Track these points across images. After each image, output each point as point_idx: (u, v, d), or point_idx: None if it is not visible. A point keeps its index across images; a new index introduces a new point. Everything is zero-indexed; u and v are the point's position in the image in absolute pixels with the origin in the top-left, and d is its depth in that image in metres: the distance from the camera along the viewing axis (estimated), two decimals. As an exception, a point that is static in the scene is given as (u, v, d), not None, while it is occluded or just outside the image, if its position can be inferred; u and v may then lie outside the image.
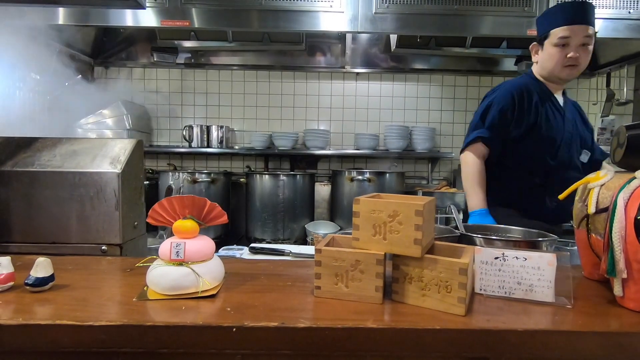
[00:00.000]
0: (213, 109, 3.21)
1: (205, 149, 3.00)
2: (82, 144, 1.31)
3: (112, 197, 1.22)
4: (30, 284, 0.76)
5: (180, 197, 0.79)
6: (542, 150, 1.62)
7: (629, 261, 0.69)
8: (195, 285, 0.75)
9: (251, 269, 0.95)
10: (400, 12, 2.26)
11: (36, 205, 1.22)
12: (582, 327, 0.66)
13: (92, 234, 1.23)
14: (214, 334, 0.64)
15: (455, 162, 3.25)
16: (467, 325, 0.66)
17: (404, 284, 0.74)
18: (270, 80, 3.19)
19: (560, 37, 1.53)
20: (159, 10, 2.23)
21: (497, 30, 2.31)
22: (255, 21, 2.30)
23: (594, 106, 3.19)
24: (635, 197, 0.69)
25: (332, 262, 0.75)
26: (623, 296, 0.72)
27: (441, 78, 3.21)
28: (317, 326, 0.64)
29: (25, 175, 1.22)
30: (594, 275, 0.89)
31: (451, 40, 2.78)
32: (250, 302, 0.73)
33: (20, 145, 1.31)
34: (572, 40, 1.53)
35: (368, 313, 0.69)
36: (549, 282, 0.74)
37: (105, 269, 0.95)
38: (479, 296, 0.78)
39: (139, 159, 1.35)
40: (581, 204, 0.87)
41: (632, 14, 2.23)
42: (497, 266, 0.77)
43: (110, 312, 0.69)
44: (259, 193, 2.74)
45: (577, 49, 1.53)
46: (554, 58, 1.57)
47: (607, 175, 0.79)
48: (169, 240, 0.78)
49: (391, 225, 0.73)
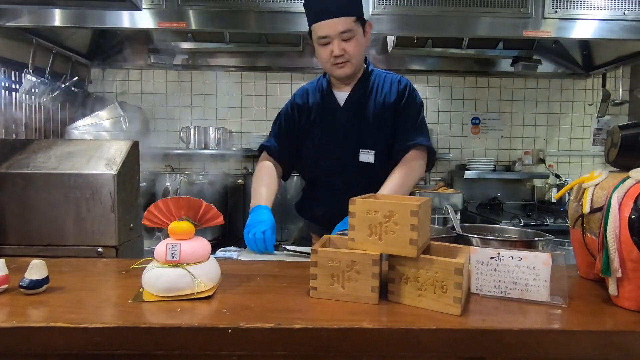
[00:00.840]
0: (210, 110, 3.20)
1: (202, 150, 3.00)
2: (78, 146, 1.31)
3: (108, 198, 1.21)
4: (24, 286, 0.75)
5: (176, 199, 0.79)
6: (308, 157, 1.57)
7: (624, 260, 0.69)
8: (191, 286, 0.75)
9: (247, 270, 0.95)
10: (397, 13, 2.26)
11: (31, 207, 1.21)
12: (578, 326, 0.66)
13: (87, 236, 1.22)
14: (210, 335, 0.64)
15: (452, 162, 3.26)
16: (463, 325, 0.66)
17: (400, 284, 0.74)
18: (268, 81, 3.19)
19: (319, 36, 1.35)
20: (155, 11, 2.23)
21: (494, 31, 2.31)
22: (253, 22, 2.30)
23: (590, 107, 3.21)
24: (629, 196, 0.69)
25: (328, 263, 0.75)
26: (618, 295, 0.72)
27: (438, 79, 3.22)
28: (313, 327, 0.64)
29: (20, 177, 1.22)
30: (589, 275, 0.89)
31: (448, 41, 2.78)
32: (246, 303, 0.73)
33: (15, 147, 1.30)
34: (332, 37, 1.34)
35: (364, 313, 0.69)
36: (544, 281, 0.74)
37: (101, 271, 0.94)
38: (474, 296, 0.78)
39: (135, 161, 1.35)
40: (576, 203, 0.88)
41: (627, 15, 2.24)
42: (493, 266, 0.77)
43: (105, 314, 0.68)
44: (257, 194, 2.73)
45: (341, 44, 1.34)
46: (321, 57, 1.41)
47: (601, 175, 0.80)
48: (165, 241, 0.77)
49: (387, 226, 0.73)
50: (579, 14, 2.24)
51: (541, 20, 2.25)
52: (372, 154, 1.48)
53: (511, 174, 3.13)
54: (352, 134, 1.49)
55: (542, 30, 2.26)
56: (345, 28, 1.32)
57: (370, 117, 1.48)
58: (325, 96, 1.53)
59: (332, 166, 1.52)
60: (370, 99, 1.49)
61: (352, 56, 1.37)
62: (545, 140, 3.26)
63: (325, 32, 1.33)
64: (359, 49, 1.38)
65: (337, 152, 1.50)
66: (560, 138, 3.27)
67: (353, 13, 1.33)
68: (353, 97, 1.49)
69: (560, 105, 3.24)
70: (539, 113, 3.25)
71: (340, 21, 1.32)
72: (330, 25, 1.32)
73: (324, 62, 1.42)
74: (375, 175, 1.45)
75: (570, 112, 3.25)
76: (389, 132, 1.48)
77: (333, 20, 1.31)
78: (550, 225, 2.47)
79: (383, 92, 1.49)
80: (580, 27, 2.26)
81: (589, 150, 3.26)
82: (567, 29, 2.27)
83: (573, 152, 3.26)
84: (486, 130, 3.26)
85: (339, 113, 1.50)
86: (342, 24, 1.32)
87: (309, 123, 1.55)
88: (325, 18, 1.32)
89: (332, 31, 1.33)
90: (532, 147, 3.26)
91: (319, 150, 1.54)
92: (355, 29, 1.35)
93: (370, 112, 1.48)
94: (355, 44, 1.36)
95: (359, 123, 1.48)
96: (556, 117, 3.25)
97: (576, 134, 3.26)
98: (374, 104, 1.48)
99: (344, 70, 1.40)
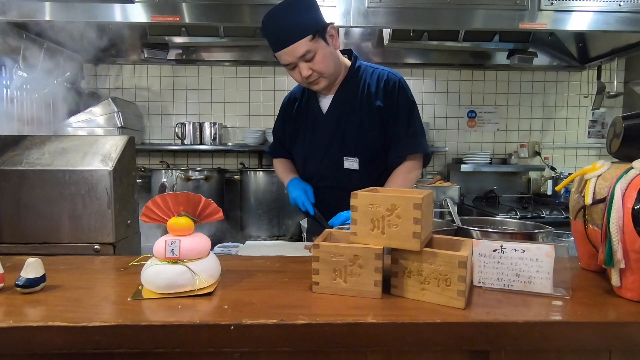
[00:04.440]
0: (205, 105, 3.17)
1: (198, 146, 2.97)
2: (72, 142, 1.29)
3: (104, 195, 1.20)
4: (20, 285, 0.74)
5: (175, 194, 0.77)
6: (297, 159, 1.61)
7: (627, 251, 0.69)
8: (191, 283, 0.74)
9: (248, 266, 0.94)
10: (393, 6, 2.24)
11: (26, 205, 1.19)
12: (581, 317, 0.66)
13: (84, 233, 1.20)
14: (212, 332, 0.63)
15: (449, 156, 3.26)
16: (467, 318, 0.65)
17: (403, 278, 0.73)
18: (263, 76, 3.16)
19: (283, 63, 1.36)
20: (148, 5, 2.19)
21: (490, 24, 2.30)
22: (247, 16, 2.27)
23: (585, 99, 3.22)
24: (632, 187, 0.69)
25: (330, 258, 0.74)
26: (621, 286, 0.72)
27: (434, 72, 3.21)
28: (316, 322, 0.63)
29: (13, 174, 1.19)
30: (590, 266, 0.89)
31: (444, 34, 2.77)
32: (248, 300, 0.72)
33: (7, 143, 1.28)
34: (295, 62, 1.33)
35: (367, 308, 0.69)
36: (547, 273, 0.74)
37: (99, 269, 0.93)
38: (477, 289, 0.78)
39: (131, 156, 1.33)
40: (578, 195, 0.88)
41: (623, 7, 2.24)
42: (496, 258, 0.77)
43: (104, 313, 0.67)
44: (254, 190, 2.72)
45: (307, 65, 1.33)
46: (295, 79, 1.42)
47: (603, 166, 0.79)
48: (164, 237, 0.76)
49: (389, 219, 0.72)
50: (574, 6, 2.23)
51: (537, 13, 2.24)
52: (356, 162, 1.46)
53: (507, 167, 3.14)
54: (335, 141, 1.47)
55: (538, 22, 2.25)
56: (303, 51, 1.30)
57: (354, 124, 1.45)
58: (309, 103, 1.53)
59: (318, 171, 1.53)
60: (355, 103, 1.45)
61: (322, 72, 1.36)
62: (540, 133, 3.27)
63: (287, 60, 1.33)
64: (326, 61, 1.35)
65: (321, 158, 1.50)
66: (556, 131, 3.28)
67: (307, 33, 1.29)
68: (336, 103, 1.47)
69: (555, 97, 3.25)
70: (535, 106, 3.26)
71: (296, 46, 1.29)
72: (288, 53, 1.31)
73: (299, 82, 1.43)
74: (362, 180, 1.42)
75: (566, 105, 3.26)
76: (374, 139, 1.45)
77: (290, 48, 1.30)
78: (547, 218, 2.49)
79: (369, 94, 1.45)
80: (576, 19, 2.26)
81: (584, 142, 3.27)
82: (563, 21, 2.26)
83: (568, 144, 3.27)
84: (482, 123, 3.27)
85: (322, 120, 1.49)
86: (299, 48, 1.29)
87: (295, 129, 1.56)
88: (282, 48, 1.31)
89: (292, 58, 1.32)
90: (527, 140, 3.26)
91: (305, 155, 1.55)
92: (315, 46, 1.31)
93: (354, 118, 1.45)
94: (321, 59, 1.33)
95: (342, 130, 1.46)
96: (552, 110, 3.26)
97: (571, 126, 3.28)
98: (359, 108, 1.45)
99: (319, 85, 1.40)
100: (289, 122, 1.59)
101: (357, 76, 1.47)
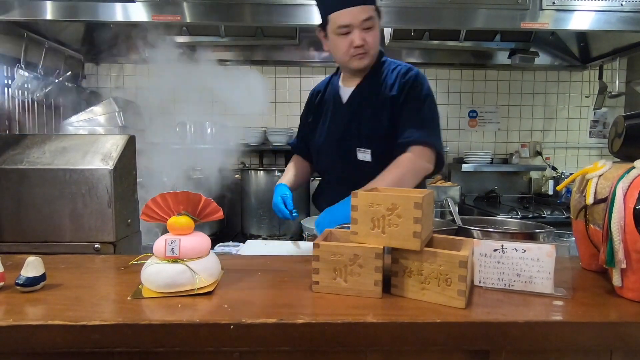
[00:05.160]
0: (206, 105, 3.17)
1: (199, 145, 2.97)
2: (73, 140, 1.29)
3: (105, 194, 1.20)
4: (21, 283, 0.74)
5: (175, 193, 0.77)
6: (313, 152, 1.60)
7: (628, 251, 0.69)
8: (191, 282, 0.74)
9: (247, 265, 0.93)
10: (394, 6, 2.24)
11: (26, 204, 1.19)
12: (582, 317, 0.66)
13: (84, 232, 1.20)
14: (211, 331, 0.63)
15: (450, 155, 3.25)
16: (468, 318, 0.65)
17: (404, 278, 0.73)
18: (264, 75, 3.16)
19: (340, 25, 1.31)
20: (149, 4, 2.19)
21: (491, 24, 2.30)
22: (248, 15, 2.27)
23: (587, 99, 3.21)
24: (634, 186, 0.68)
25: (330, 257, 0.74)
26: (622, 286, 0.72)
27: (435, 72, 3.20)
28: (316, 322, 0.63)
29: (14, 173, 1.19)
30: (591, 266, 0.89)
31: (445, 34, 2.77)
32: (248, 299, 0.72)
33: (8, 142, 1.28)
34: (354, 26, 1.30)
35: (367, 307, 0.68)
36: (548, 273, 0.74)
37: (99, 268, 0.93)
38: (478, 289, 0.78)
39: (132, 155, 1.33)
40: (579, 194, 0.87)
41: (625, 6, 2.23)
42: (496, 258, 0.77)
43: (104, 311, 0.67)
44: (254, 189, 2.72)
45: (362, 34, 1.31)
46: (339, 49, 1.36)
47: (605, 166, 0.79)
48: (164, 236, 0.76)
49: (390, 219, 0.72)
50: (576, 5, 2.23)
51: (539, 12, 2.24)
52: (368, 153, 1.43)
53: (508, 167, 3.14)
54: (349, 132, 1.46)
55: (540, 21, 2.25)
56: (367, 16, 1.29)
57: (369, 114, 1.44)
58: (332, 94, 1.53)
59: (331, 163, 1.52)
60: (374, 95, 1.44)
61: (371, 47, 1.35)
62: (542, 133, 3.27)
63: (348, 21, 1.29)
64: (377, 38, 1.36)
65: (335, 149, 1.49)
66: (557, 130, 3.27)
67: (372, 2, 1.31)
68: (357, 94, 1.46)
69: (557, 97, 3.24)
70: (536, 105, 3.25)
71: (362, 9, 1.28)
72: (353, 14, 1.27)
73: (342, 54, 1.37)
74: (373, 174, 1.38)
75: (567, 105, 3.25)
76: (386, 129, 1.41)
77: (356, 8, 1.27)
78: (547, 218, 2.48)
79: (386, 86, 1.43)
80: (578, 19, 2.25)
81: (586, 142, 3.26)
82: (564, 20, 2.26)
83: (570, 144, 3.26)
84: (483, 123, 3.26)
85: (341, 110, 1.49)
86: (365, 12, 1.28)
87: (315, 119, 1.57)
88: (347, 6, 1.28)
89: (354, 20, 1.28)
90: (529, 139, 3.26)
91: (320, 145, 1.54)
92: (375, 18, 1.33)
93: (370, 109, 1.44)
94: (375, 35, 1.34)
95: (358, 120, 1.45)
96: (553, 110, 3.26)
97: (573, 126, 3.27)
98: (376, 99, 1.43)
99: (363, 61, 1.37)
100: (310, 114, 1.60)
101: (381, 70, 1.47)
